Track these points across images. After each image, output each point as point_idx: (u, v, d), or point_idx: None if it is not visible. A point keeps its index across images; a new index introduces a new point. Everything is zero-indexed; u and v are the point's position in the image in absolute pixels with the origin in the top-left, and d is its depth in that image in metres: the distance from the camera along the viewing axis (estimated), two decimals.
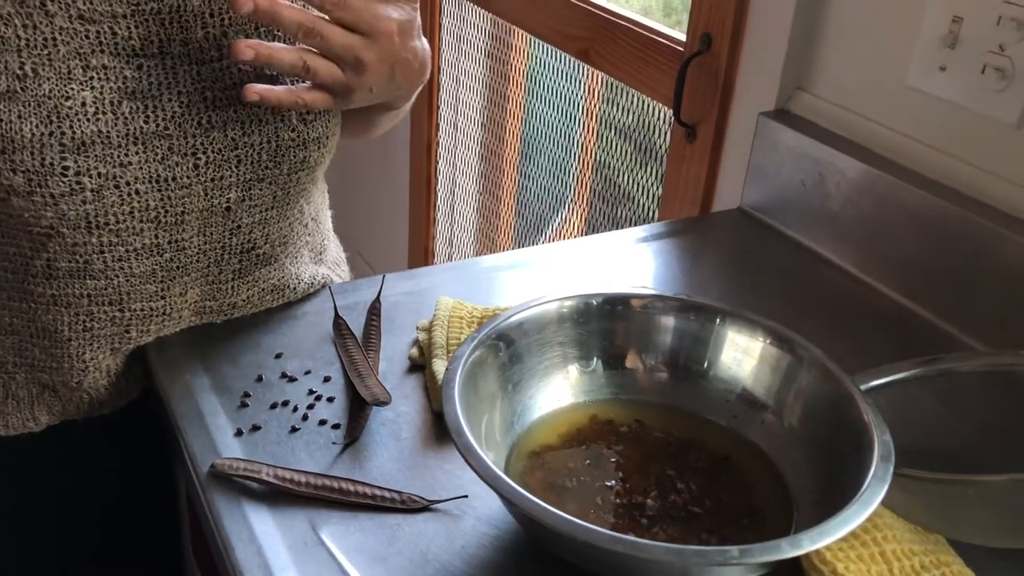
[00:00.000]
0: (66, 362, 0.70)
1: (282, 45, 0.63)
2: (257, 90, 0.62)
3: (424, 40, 0.70)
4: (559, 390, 0.63)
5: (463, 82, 1.69)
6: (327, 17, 0.62)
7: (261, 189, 0.71)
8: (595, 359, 0.63)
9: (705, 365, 0.62)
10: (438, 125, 1.76)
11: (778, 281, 0.90)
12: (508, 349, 0.59)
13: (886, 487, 0.50)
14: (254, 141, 0.68)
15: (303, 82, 0.65)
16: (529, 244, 1.68)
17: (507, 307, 0.66)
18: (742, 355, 0.61)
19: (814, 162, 0.92)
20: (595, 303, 0.62)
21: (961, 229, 0.79)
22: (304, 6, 0.62)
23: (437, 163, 1.79)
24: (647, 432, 0.63)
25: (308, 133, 0.70)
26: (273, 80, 0.68)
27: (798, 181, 0.94)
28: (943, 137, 0.84)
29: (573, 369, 0.63)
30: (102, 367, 0.71)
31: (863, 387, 0.63)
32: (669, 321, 0.62)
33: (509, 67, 1.57)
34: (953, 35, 0.81)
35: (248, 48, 0.60)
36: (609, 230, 1.43)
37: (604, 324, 0.62)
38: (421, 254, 1.90)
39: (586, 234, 1.54)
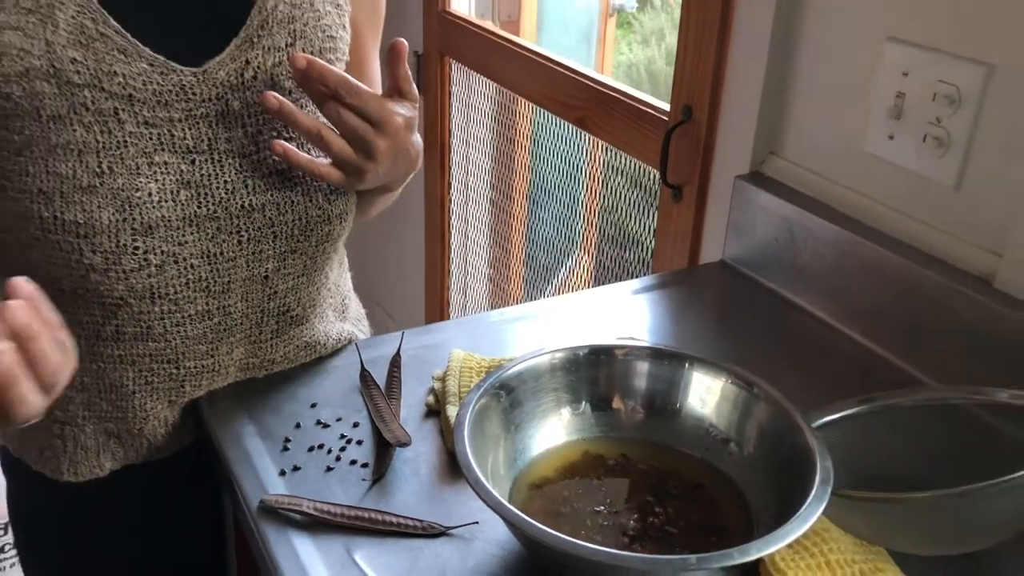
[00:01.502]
0: (129, 412, 0.81)
1: (304, 113, 0.75)
2: (283, 146, 0.74)
3: (418, 135, 0.82)
4: (554, 430, 0.73)
5: (472, 144, 1.81)
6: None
7: (294, 260, 0.82)
8: (584, 402, 0.73)
9: (678, 405, 0.72)
10: (450, 184, 1.88)
11: (756, 327, 1.00)
12: (509, 396, 0.70)
13: (823, 505, 0.60)
14: (287, 219, 0.80)
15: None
16: (539, 291, 1.79)
17: (511, 357, 0.77)
18: (708, 395, 0.71)
19: (784, 220, 1.03)
20: (582, 354, 0.73)
21: (910, 279, 0.90)
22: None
23: (450, 219, 1.91)
24: (631, 464, 0.73)
25: (332, 211, 0.82)
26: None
27: (772, 237, 1.05)
28: (894, 197, 0.94)
29: (566, 411, 0.73)
30: (160, 417, 0.82)
31: (820, 421, 0.74)
32: (645, 367, 0.72)
33: (514, 131, 1.69)
34: (898, 108, 0.92)
35: (274, 99, 0.72)
36: (618, 272, 1.54)
37: (591, 372, 0.73)
38: (437, 304, 2.01)
39: (595, 276, 1.65)
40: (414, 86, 0.78)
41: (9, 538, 1.85)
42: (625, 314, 1.02)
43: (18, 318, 0.55)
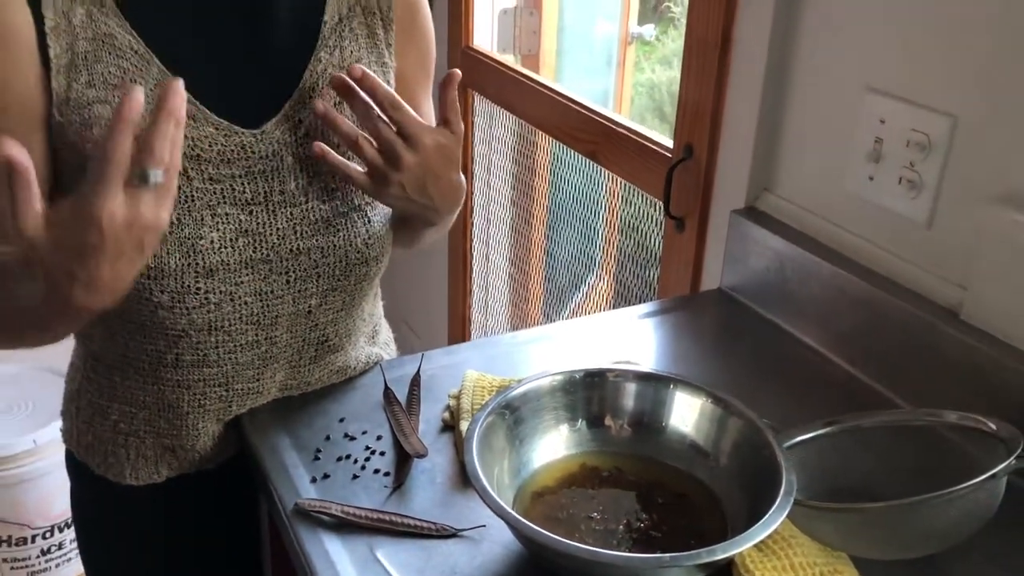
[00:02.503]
0: (183, 430, 0.91)
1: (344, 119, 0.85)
2: (322, 147, 0.84)
3: (462, 176, 0.91)
4: (554, 444, 0.82)
5: (493, 172, 1.92)
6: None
7: (334, 296, 0.92)
8: (580, 420, 0.82)
9: (663, 422, 0.81)
10: (472, 209, 1.99)
11: (749, 351, 1.09)
12: (513, 414, 0.79)
13: (785, 513, 0.69)
14: (330, 261, 0.90)
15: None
16: (556, 311, 1.88)
17: (519, 379, 0.86)
18: (689, 413, 0.80)
19: (775, 252, 1.11)
20: (578, 377, 0.82)
21: (886, 308, 0.98)
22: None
23: (472, 242, 2.01)
24: (623, 476, 0.82)
25: (369, 254, 0.92)
26: (342, 213, 0.89)
27: (764, 268, 1.14)
28: (873, 232, 1.03)
29: (564, 428, 0.82)
30: (209, 433, 0.92)
31: (793, 441, 0.82)
32: (633, 388, 0.82)
33: (534, 160, 1.79)
34: (877, 152, 1.00)
35: (322, 107, 0.83)
36: (635, 293, 1.63)
37: (586, 393, 0.82)
38: (459, 323, 2.11)
39: (615, 295, 1.73)
40: (459, 118, 0.88)
41: (71, 534, 1.97)
42: (631, 337, 1.11)
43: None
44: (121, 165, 0.66)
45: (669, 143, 1.31)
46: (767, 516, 0.68)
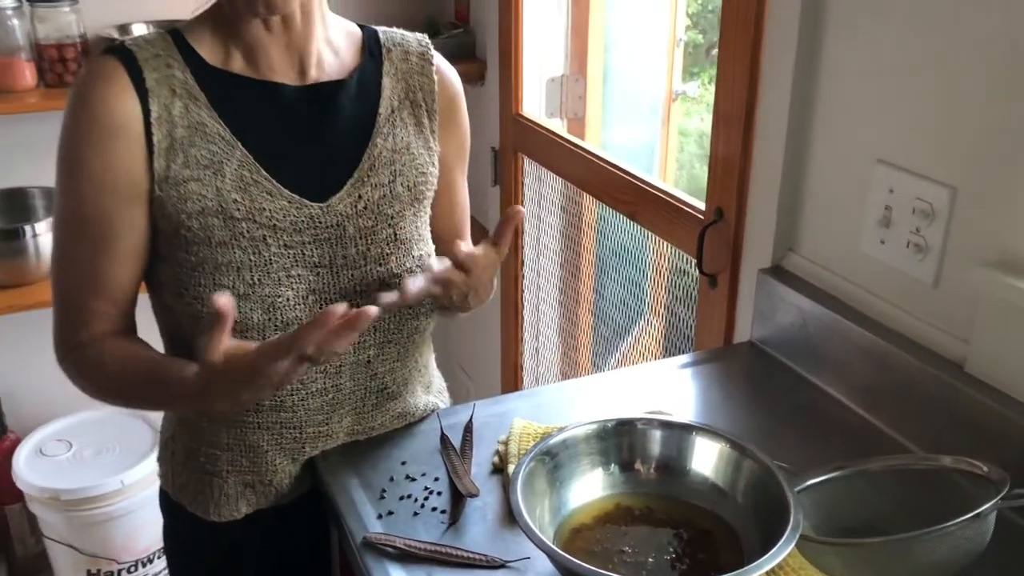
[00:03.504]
0: (262, 467, 1.04)
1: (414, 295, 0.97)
2: (386, 305, 0.96)
3: (496, 279, 1.06)
4: (590, 486, 0.93)
5: (542, 228, 2.04)
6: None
7: (390, 348, 1.05)
8: (613, 464, 0.93)
9: (687, 466, 0.91)
10: (523, 262, 2.11)
11: (775, 400, 1.18)
12: (553, 460, 0.90)
13: (790, 547, 0.78)
14: (385, 316, 1.02)
15: None
16: (604, 358, 1.98)
17: (561, 426, 0.97)
18: (709, 457, 0.90)
19: (798, 308, 1.21)
20: (610, 426, 0.93)
21: (897, 361, 1.07)
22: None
23: (523, 293, 2.13)
24: (653, 515, 0.92)
25: (419, 310, 1.04)
26: (395, 275, 1.02)
27: (789, 323, 1.23)
28: (886, 291, 1.12)
29: (599, 472, 0.93)
30: (286, 471, 1.05)
31: (805, 484, 0.91)
32: (658, 435, 0.92)
33: (580, 218, 1.91)
34: (887, 218, 1.10)
35: (411, 287, 0.95)
36: (679, 340, 1.72)
37: (617, 440, 0.92)
38: (511, 369, 2.22)
39: (661, 342, 1.83)
40: (507, 243, 1.01)
41: (154, 568, 2.13)
42: (670, 387, 1.22)
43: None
44: (296, 349, 0.83)
45: (702, 205, 1.42)
46: (774, 549, 0.78)
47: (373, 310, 0.84)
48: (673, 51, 2.38)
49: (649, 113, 2.54)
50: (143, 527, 2.07)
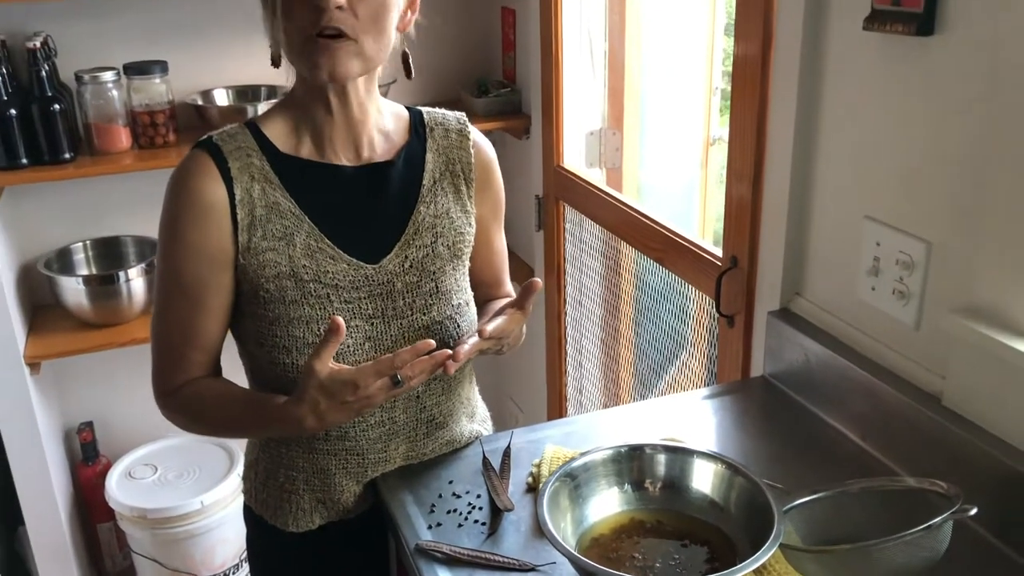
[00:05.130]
0: (331, 487, 1.22)
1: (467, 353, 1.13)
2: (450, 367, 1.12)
3: (524, 330, 1.23)
4: (607, 503, 1.08)
5: (583, 270, 2.21)
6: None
7: (436, 384, 1.22)
8: (627, 483, 1.09)
9: (690, 485, 1.07)
10: (565, 300, 2.28)
11: (782, 428, 1.33)
12: (574, 480, 1.06)
13: (771, 553, 0.93)
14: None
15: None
16: (643, 394, 2.12)
17: (583, 451, 1.13)
18: (707, 477, 1.05)
19: (802, 347, 1.36)
20: (623, 451, 1.09)
21: (885, 394, 1.21)
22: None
23: (566, 329, 2.30)
24: (662, 527, 1.08)
25: None
26: (437, 322, 1.19)
27: (795, 359, 1.38)
28: (876, 332, 1.26)
29: (615, 490, 1.09)
30: (351, 491, 1.23)
31: (798, 501, 1.06)
32: (663, 459, 1.08)
33: (618, 261, 2.07)
34: (875, 268, 1.24)
35: (452, 366, 1.10)
36: (710, 371, 1.86)
37: (629, 463, 1.08)
38: (557, 400, 2.38)
39: (700, 374, 1.96)
40: (529, 310, 1.19)
41: (246, 570, 2.33)
42: (691, 416, 1.37)
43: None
44: (393, 369, 1.04)
45: (720, 252, 1.57)
46: (757, 554, 0.93)
47: (455, 354, 1.04)
48: (710, 98, 2.54)
49: (688, 158, 2.70)
50: (220, 544, 2.27)
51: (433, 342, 1.03)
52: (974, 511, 0.92)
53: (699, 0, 2.16)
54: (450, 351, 1.04)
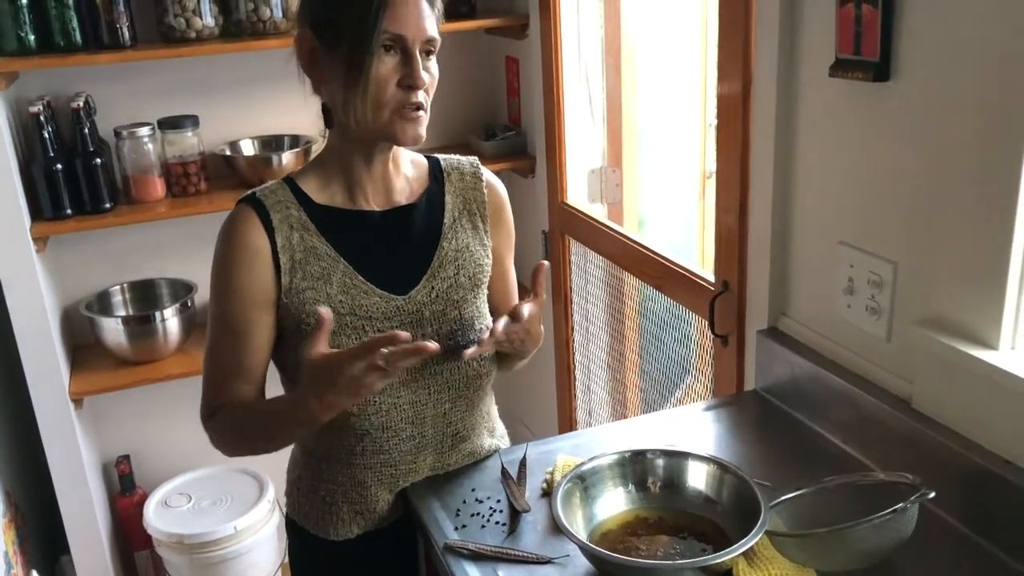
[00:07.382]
0: (368, 498, 1.36)
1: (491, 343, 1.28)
2: (469, 354, 1.27)
3: (542, 326, 1.35)
4: (614, 502, 1.22)
5: (588, 298, 2.35)
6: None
7: (461, 401, 1.36)
8: (631, 484, 1.22)
9: (686, 484, 1.20)
10: (572, 327, 2.42)
11: (772, 435, 1.46)
12: (583, 483, 1.20)
13: (756, 539, 1.06)
14: (456, 377, 1.34)
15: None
16: (654, 412, 2.25)
17: (595, 456, 1.27)
18: (701, 476, 1.19)
19: (788, 363, 1.49)
20: (627, 456, 1.22)
21: (862, 401, 1.34)
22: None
23: (574, 355, 2.44)
24: (663, 522, 1.21)
25: (481, 370, 1.36)
26: (462, 346, 1.33)
27: (782, 373, 1.51)
28: (853, 345, 1.40)
29: (620, 490, 1.22)
30: (385, 500, 1.36)
31: (783, 497, 1.19)
32: (662, 462, 1.21)
33: (621, 290, 2.22)
34: (850, 287, 1.38)
35: (475, 352, 1.27)
36: (707, 387, 2.00)
37: (632, 467, 1.22)
38: (567, 422, 2.51)
39: (707, 388, 2.09)
40: (542, 294, 1.32)
41: None
42: (691, 426, 1.51)
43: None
44: (369, 355, 1.12)
45: (712, 278, 1.71)
46: (744, 541, 1.06)
47: (434, 345, 1.13)
48: (704, 135, 2.69)
49: (687, 191, 2.85)
50: (252, 567, 2.40)
51: (408, 335, 1.13)
52: (932, 495, 1.06)
53: (691, 41, 2.33)
54: (433, 344, 1.13)
